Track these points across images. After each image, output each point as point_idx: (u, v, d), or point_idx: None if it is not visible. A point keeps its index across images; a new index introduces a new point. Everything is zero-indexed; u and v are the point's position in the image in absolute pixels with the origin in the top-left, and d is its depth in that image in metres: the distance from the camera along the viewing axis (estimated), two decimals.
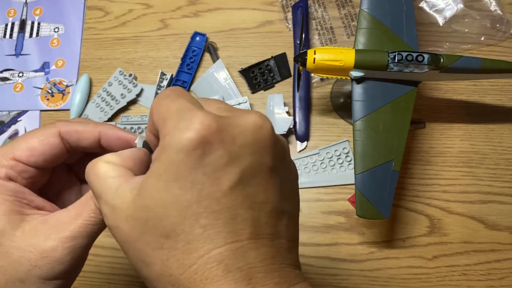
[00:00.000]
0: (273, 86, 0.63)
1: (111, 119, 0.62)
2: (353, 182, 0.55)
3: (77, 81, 0.65)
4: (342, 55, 0.47)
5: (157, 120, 0.23)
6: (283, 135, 0.57)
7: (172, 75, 0.63)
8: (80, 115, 0.63)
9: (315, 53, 0.47)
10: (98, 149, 0.29)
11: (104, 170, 0.24)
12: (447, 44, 0.62)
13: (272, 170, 0.23)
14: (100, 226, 0.26)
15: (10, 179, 0.27)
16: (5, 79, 0.67)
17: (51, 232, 0.25)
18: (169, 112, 0.22)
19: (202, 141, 0.21)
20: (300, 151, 0.59)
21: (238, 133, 0.22)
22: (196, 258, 0.21)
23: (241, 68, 0.62)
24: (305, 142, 0.59)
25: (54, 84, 0.66)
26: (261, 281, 0.21)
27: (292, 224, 0.24)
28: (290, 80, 0.62)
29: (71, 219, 0.26)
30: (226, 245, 0.21)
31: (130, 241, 0.22)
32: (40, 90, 0.66)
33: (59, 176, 0.31)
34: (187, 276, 0.21)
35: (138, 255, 0.22)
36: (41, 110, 0.65)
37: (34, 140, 0.28)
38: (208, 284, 0.20)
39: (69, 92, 0.65)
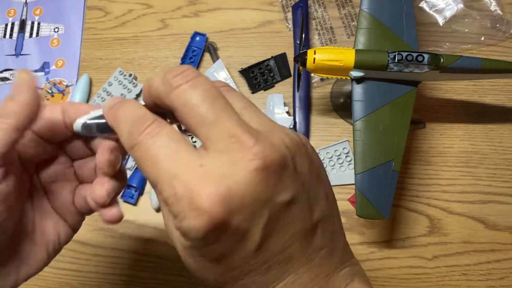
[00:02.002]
0: (273, 86, 0.63)
1: None
2: (353, 182, 0.55)
3: (77, 81, 0.65)
4: (342, 55, 0.47)
5: (189, 116, 0.22)
6: None
7: None
8: None
9: (315, 53, 0.47)
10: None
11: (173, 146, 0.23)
12: (447, 44, 0.62)
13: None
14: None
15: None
16: (5, 79, 0.67)
17: None
18: (211, 118, 0.22)
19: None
20: None
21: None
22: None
23: (241, 68, 0.62)
24: None
25: (54, 84, 0.66)
26: None
27: (327, 226, 0.25)
28: (290, 80, 0.62)
29: None
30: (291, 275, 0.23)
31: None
32: (40, 90, 0.66)
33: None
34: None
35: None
36: None
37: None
38: None
39: (69, 92, 0.65)
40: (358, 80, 0.48)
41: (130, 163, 0.60)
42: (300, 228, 0.23)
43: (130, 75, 0.63)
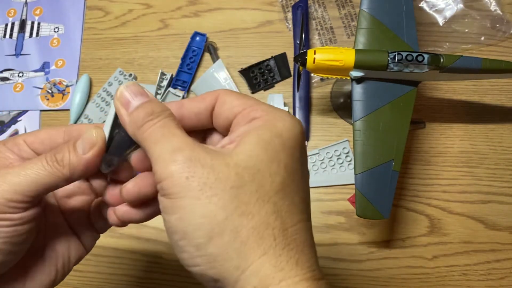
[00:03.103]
0: (273, 86, 0.63)
1: None
2: (353, 182, 0.55)
3: (77, 81, 0.65)
4: (342, 55, 0.47)
5: (243, 100, 0.26)
6: None
7: (172, 75, 0.63)
8: (80, 115, 0.63)
9: (315, 53, 0.47)
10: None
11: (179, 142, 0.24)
12: (447, 44, 0.62)
13: None
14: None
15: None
16: (5, 79, 0.67)
17: None
18: (259, 101, 0.26)
19: (304, 137, 0.26)
20: None
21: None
22: (292, 225, 0.23)
23: (241, 68, 0.62)
24: (305, 142, 0.59)
25: (54, 84, 0.66)
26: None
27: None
28: (290, 80, 0.62)
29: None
30: (309, 221, 0.25)
31: (228, 187, 0.22)
32: (40, 90, 0.66)
33: None
34: (283, 231, 0.23)
35: (234, 202, 0.22)
36: (41, 110, 0.65)
37: (41, 131, 0.29)
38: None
39: (69, 92, 0.65)
40: (358, 80, 0.48)
41: None
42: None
43: (130, 75, 0.63)
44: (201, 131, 0.29)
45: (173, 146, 0.23)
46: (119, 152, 0.27)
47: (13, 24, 0.70)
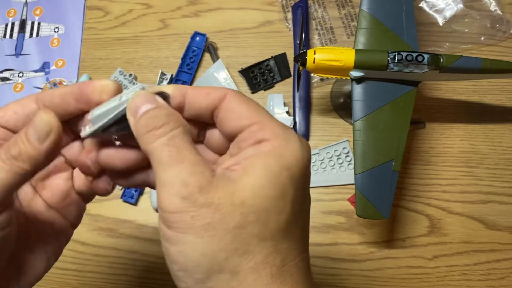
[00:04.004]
0: (273, 86, 0.63)
1: None
2: (353, 182, 0.55)
3: (77, 81, 0.65)
4: (342, 55, 0.47)
5: (251, 111, 0.25)
6: None
7: (172, 75, 0.63)
8: None
9: (315, 53, 0.47)
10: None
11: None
12: (447, 44, 0.62)
13: None
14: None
15: None
16: (5, 79, 0.67)
17: None
18: (268, 115, 0.25)
19: (310, 162, 0.25)
20: None
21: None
22: (291, 260, 0.23)
23: (241, 68, 0.62)
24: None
25: (54, 84, 0.66)
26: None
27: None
28: (290, 80, 0.62)
29: None
30: (306, 252, 0.25)
31: (231, 226, 0.22)
32: (40, 90, 0.66)
33: None
34: (281, 268, 0.23)
35: (236, 244, 0.22)
36: None
37: (10, 104, 0.27)
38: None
39: None
40: (358, 80, 0.48)
41: None
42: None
43: (130, 75, 0.63)
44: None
45: (181, 177, 0.22)
46: (109, 130, 0.26)
47: (13, 24, 0.70)
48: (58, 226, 0.30)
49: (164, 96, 0.25)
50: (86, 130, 0.26)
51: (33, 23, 0.70)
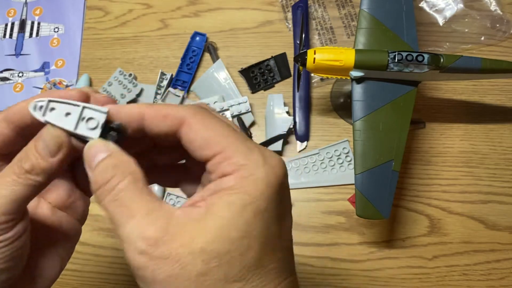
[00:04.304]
0: (273, 86, 0.63)
1: None
2: (353, 182, 0.55)
3: (77, 81, 0.65)
4: (342, 55, 0.47)
5: (213, 137, 0.23)
6: (283, 135, 0.57)
7: (172, 75, 0.63)
8: None
9: (315, 53, 0.47)
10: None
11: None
12: (447, 44, 0.62)
13: None
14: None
15: None
16: (5, 79, 0.67)
17: None
18: (240, 140, 0.23)
19: (285, 180, 0.24)
20: (300, 151, 0.59)
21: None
22: None
23: (241, 68, 0.62)
24: (305, 142, 0.59)
25: (54, 84, 0.66)
26: None
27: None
28: (290, 80, 0.62)
29: None
30: (289, 278, 0.23)
31: (194, 275, 0.21)
32: (40, 90, 0.66)
33: None
34: None
35: None
36: None
37: None
38: None
39: None
40: (358, 80, 0.48)
41: None
42: None
43: (130, 75, 0.63)
44: None
45: (136, 232, 0.22)
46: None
47: (13, 24, 0.70)
48: (67, 225, 0.30)
49: (120, 129, 0.25)
50: (46, 114, 0.25)
51: (33, 23, 0.70)
